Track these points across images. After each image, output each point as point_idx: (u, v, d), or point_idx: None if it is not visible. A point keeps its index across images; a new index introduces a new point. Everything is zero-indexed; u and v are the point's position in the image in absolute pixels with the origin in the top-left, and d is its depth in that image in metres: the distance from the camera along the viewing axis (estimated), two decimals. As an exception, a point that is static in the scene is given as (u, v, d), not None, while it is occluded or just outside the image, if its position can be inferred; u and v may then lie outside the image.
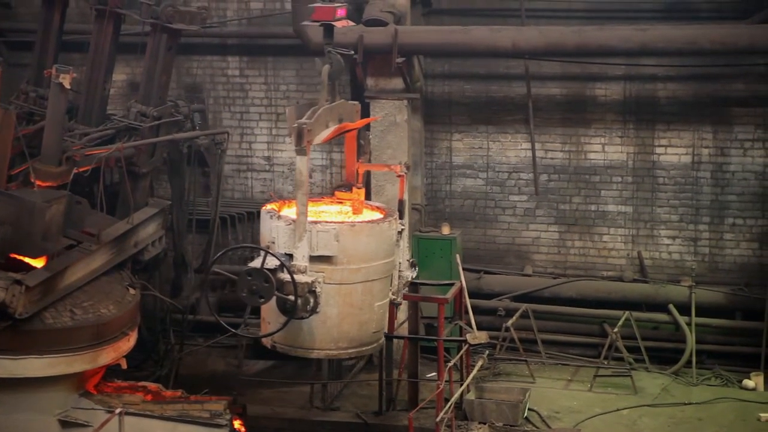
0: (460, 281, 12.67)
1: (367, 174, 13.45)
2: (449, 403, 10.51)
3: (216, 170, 13.44)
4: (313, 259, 7.38)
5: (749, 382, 12.59)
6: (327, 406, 11.93)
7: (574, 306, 13.88)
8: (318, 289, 7.34)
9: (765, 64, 13.19)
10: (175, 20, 11.52)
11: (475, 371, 11.61)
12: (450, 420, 10.53)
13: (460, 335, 12.23)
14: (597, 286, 13.86)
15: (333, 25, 8.32)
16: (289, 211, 8.14)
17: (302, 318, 7.40)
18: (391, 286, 8.54)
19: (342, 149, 14.63)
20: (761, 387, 12.54)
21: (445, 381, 11.20)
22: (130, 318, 10.29)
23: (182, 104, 12.64)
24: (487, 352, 12.83)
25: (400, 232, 8.87)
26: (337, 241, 7.53)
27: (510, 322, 13.13)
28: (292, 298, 7.22)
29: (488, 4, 14.18)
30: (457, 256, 13.42)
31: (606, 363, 12.90)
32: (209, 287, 13.70)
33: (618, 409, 11.86)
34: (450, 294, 11.79)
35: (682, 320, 13.20)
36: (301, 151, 7.32)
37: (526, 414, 11.54)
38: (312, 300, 7.33)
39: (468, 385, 11.54)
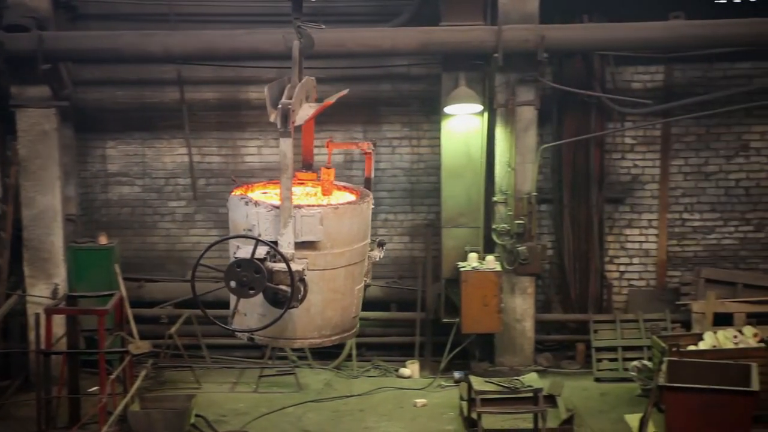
0: (120, 291, 12.43)
1: (16, 186, 12.91)
2: (112, 417, 10.26)
3: None
4: (297, 245, 6.88)
5: (405, 371, 13.18)
6: (-19, 431, 11.32)
7: (237, 308, 13.91)
8: (306, 277, 6.88)
9: (407, 65, 13.84)
10: None
11: (138, 382, 11.40)
12: (114, 433, 10.30)
13: (123, 346, 11.97)
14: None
15: None
16: (260, 196, 7.55)
17: (294, 307, 6.90)
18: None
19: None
20: (416, 374, 13.16)
21: (108, 394, 10.92)
22: None
23: None
24: (151, 361, 12.63)
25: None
26: (321, 225, 7.03)
27: (173, 329, 13.01)
28: (283, 287, 6.70)
29: (138, 9, 13.94)
30: (116, 265, 13.12)
31: (270, 363, 13.07)
32: None
33: (283, 407, 12.04)
34: (110, 305, 11.50)
35: (341, 315, 13.59)
36: (285, 133, 6.83)
37: (192, 420, 11.44)
38: (302, 288, 6.87)
39: (132, 397, 11.30)
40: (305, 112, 7.15)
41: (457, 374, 12.92)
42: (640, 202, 14.14)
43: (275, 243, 6.76)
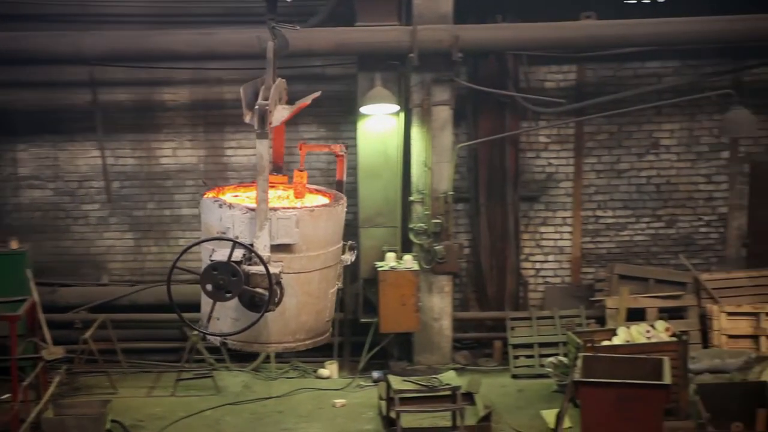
0: (32, 296, 12.23)
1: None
2: (25, 424, 10.10)
3: None
4: (272, 248, 6.75)
5: (324, 371, 13.15)
6: None
7: (154, 312, 13.78)
8: (283, 280, 6.77)
9: (322, 65, 13.82)
10: None
11: (52, 388, 11.23)
12: (27, 441, 10.12)
13: (36, 352, 11.78)
14: (175, 291, 13.72)
15: None
16: (233, 199, 7.44)
17: (271, 311, 6.76)
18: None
19: None
20: (335, 375, 13.15)
21: (21, 401, 10.73)
22: None
23: None
24: (65, 367, 12.43)
25: None
26: (297, 227, 6.90)
27: (87, 333, 12.82)
28: (260, 290, 6.57)
29: (50, 9, 13.67)
30: (28, 270, 12.88)
31: (188, 366, 12.96)
32: None
33: (201, 411, 11.94)
34: (21, 310, 11.33)
35: (260, 317, 13.51)
36: (262, 134, 6.71)
37: (108, 426, 11.27)
38: (279, 291, 6.75)
39: (46, 403, 11.11)
40: (280, 113, 7.15)
41: (375, 374, 12.95)
42: (555, 200, 14.33)
43: (251, 245, 6.74)
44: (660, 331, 11.93)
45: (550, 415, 11.17)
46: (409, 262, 12.67)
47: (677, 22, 12.61)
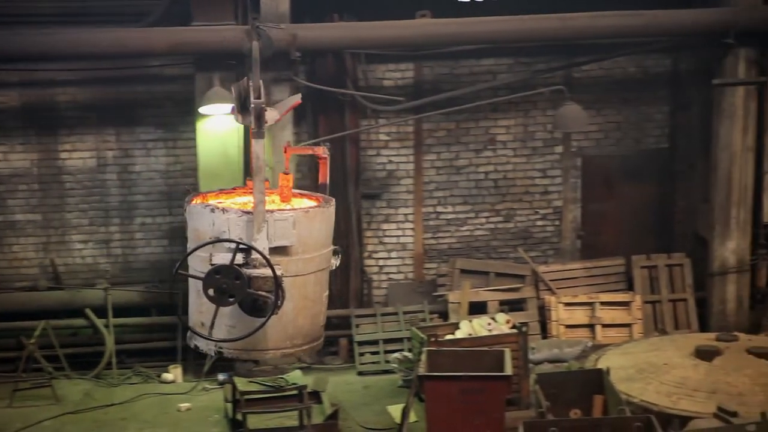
0: None
1: None
2: None
3: None
4: (270, 251, 6.38)
5: (168, 375, 12.97)
6: None
7: (-13, 321, 13.36)
8: (283, 283, 6.43)
9: (159, 65, 13.57)
10: None
11: None
12: None
13: None
14: (10, 299, 13.45)
15: None
16: (223, 203, 7.02)
17: (275, 314, 6.39)
18: None
19: None
20: (180, 378, 12.98)
21: None
22: None
23: None
24: None
25: None
26: (294, 229, 6.53)
27: None
28: (263, 294, 6.21)
29: None
30: None
31: (25, 375, 12.57)
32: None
33: (40, 421, 11.63)
34: None
35: (99, 323, 13.24)
36: (259, 133, 6.35)
37: (-59, 442, 10.92)
38: (281, 294, 6.40)
39: None
40: (272, 113, 7.06)
41: (221, 376, 12.82)
42: (396, 197, 14.47)
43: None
44: (501, 324, 12.20)
45: (396, 411, 11.28)
46: (253, 262, 12.57)
47: (510, 20, 12.89)
